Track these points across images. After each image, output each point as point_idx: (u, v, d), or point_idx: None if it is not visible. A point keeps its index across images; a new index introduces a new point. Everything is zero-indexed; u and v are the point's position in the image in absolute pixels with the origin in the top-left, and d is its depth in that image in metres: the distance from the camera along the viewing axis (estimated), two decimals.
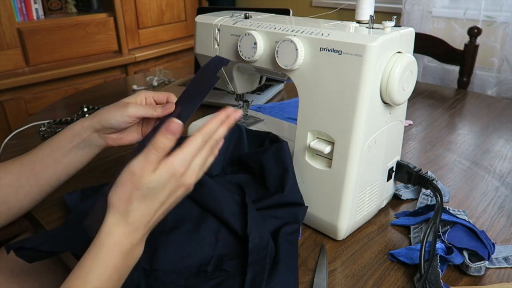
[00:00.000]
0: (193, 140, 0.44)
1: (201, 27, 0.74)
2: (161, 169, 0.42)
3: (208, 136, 0.46)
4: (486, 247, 0.55)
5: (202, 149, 0.45)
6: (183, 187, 0.45)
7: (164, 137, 0.43)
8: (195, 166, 0.45)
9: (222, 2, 2.57)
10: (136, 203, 0.42)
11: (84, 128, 0.59)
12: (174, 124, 0.43)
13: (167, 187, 0.43)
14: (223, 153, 0.67)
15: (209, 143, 0.46)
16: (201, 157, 0.45)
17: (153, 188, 0.42)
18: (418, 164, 0.82)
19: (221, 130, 0.47)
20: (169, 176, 0.43)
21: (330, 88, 0.56)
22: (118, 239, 0.42)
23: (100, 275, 0.41)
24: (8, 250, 0.53)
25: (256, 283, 0.48)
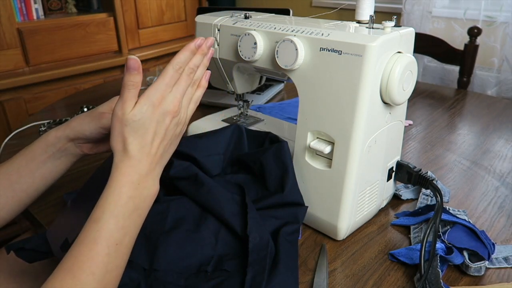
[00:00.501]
0: (164, 71, 0.47)
1: (201, 27, 0.74)
2: (140, 101, 0.45)
3: (178, 66, 0.48)
4: (486, 247, 0.55)
5: (179, 78, 0.48)
6: (169, 115, 0.47)
7: (128, 74, 0.46)
8: (174, 93, 0.47)
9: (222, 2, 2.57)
10: (130, 138, 0.45)
11: (57, 138, 0.59)
12: (132, 60, 0.46)
13: (152, 117, 0.46)
14: (223, 153, 0.67)
15: (185, 71, 0.48)
16: (180, 85, 0.48)
17: (139, 120, 0.45)
18: (418, 164, 0.82)
19: (195, 59, 0.50)
20: (148, 106, 0.45)
21: (330, 88, 0.56)
22: (124, 171, 0.45)
23: (115, 202, 0.44)
24: (8, 251, 0.53)
25: (256, 283, 0.48)
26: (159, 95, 0.46)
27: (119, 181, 0.45)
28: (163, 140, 0.47)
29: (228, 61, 0.72)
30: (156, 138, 0.46)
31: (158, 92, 0.46)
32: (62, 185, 0.74)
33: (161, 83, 0.47)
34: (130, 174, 0.45)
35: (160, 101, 0.46)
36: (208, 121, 0.85)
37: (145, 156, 0.46)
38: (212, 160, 0.65)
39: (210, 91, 1.17)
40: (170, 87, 0.47)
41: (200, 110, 1.08)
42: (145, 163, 0.46)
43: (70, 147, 0.60)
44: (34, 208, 0.68)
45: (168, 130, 0.48)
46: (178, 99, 0.48)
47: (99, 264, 0.41)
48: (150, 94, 0.46)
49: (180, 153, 0.63)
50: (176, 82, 0.48)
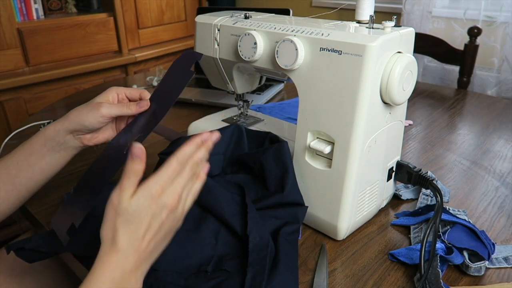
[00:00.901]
0: (168, 163, 0.45)
1: (201, 27, 0.74)
2: (138, 192, 0.43)
3: (183, 159, 0.45)
4: (486, 247, 0.55)
5: (181, 171, 0.45)
6: (166, 209, 0.44)
7: (132, 163, 0.43)
8: (175, 186, 0.45)
9: (222, 2, 2.57)
10: (122, 230, 0.42)
11: (56, 131, 0.59)
12: (137, 149, 0.43)
13: (148, 210, 0.43)
14: (223, 153, 0.67)
15: (188, 165, 0.46)
16: (182, 178, 0.45)
17: (134, 211, 0.42)
18: (418, 164, 0.82)
19: (199, 152, 0.47)
20: (146, 198, 0.43)
21: (330, 88, 0.56)
22: (108, 265, 0.42)
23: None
24: (8, 251, 0.53)
25: (256, 283, 0.48)
26: (159, 187, 0.43)
27: (101, 276, 0.42)
28: (156, 235, 0.44)
29: (228, 61, 0.72)
30: (148, 233, 0.43)
31: (159, 184, 0.43)
32: (62, 185, 0.74)
33: (163, 175, 0.44)
34: (113, 270, 0.42)
35: (159, 193, 0.43)
36: (208, 121, 0.85)
37: (132, 252, 0.43)
38: (212, 160, 0.65)
39: (210, 91, 1.18)
40: (172, 180, 0.44)
41: (200, 110, 1.08)
42: (131, 259, 0.43)
43: (69, 139, 0.60)
44: (34, 208, 0.68)
45: (163, 225, 0.45)
46: (178, 193, 0.45)
47: None
48: (150, 185, 0.43)
49: None
50: (178, 175, 0.45)
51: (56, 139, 0.59)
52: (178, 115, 1.06)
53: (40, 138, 0.60)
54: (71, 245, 0.55)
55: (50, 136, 0.59)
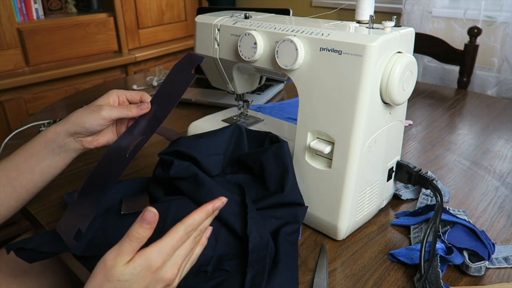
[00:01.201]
0: (174, 231, 0.41)
1: (201, 27, 0.74)
2: (136, 260, 0.39)
3: (191, 228, 0.42)
4: (486, 247, 0.55)
5: (186, 240, 0.42)
6: (162, 283, 0.40)
7: (139, 227, 0.40)
8: (176, 258, 0.41)
9: (222, 2, 2.57)
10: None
11: (57, 133, 0.59)
12: (150, 213, 0.40)
13: (142, 281, 0.39)
14: (223, 153, 0.67)
15: (193, 234, 0.43)
16: (184, 249, 0.42)
17: (125, 281, 0.38)
18: (418, 164, 0.82)
19: (206, 221, 0.44)
20: (143, 268, 0.39)
21: (330, 88, 0.56)
22: None
23: None
24: (8, 251, 0.53)
25: (256, 283, 0.48)
26: (160, 260, 0.40)
27: None
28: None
29: (228, 61, 0.72)
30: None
31: (161, 257, 0.40)
32: (62, 185, 0.74)
33: (167, 245, 0.40)
34: None
35: (159, 266, 0.40)
36: (208, 121, 0.85)
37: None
38: (212, 160, 0.65)
39: (210, 91, 1.18)
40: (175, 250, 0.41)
41: (200, 110, 1.08)
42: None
43: (69, 142, 0.60)
44: (34, 208, 0.68)
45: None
46: (178, 266, 0.41)
47: None
48: (151, 256, 0.39)
49: (180, 153, 0.63)
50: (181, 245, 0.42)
51: (57, 141, 0.59)
52: (178, 115, 1.06)
53: (40, 140, 0.59)
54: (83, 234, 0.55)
55: (50, 138, 0.59)
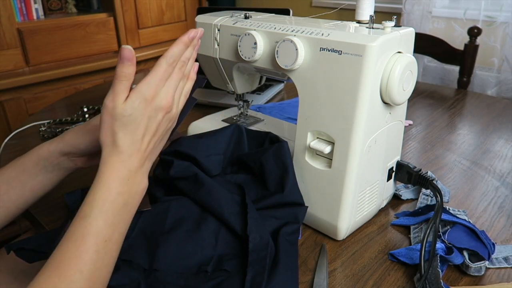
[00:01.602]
0: (157, 65, 0.46)
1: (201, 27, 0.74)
2: (131, 96, 0.44)
3: (172, 59, 0.47)
4: (486, 247, 0.55)
5: (172, 73, 0.47)
6: (162, 111, 0.46)
7: (121, 65, 0.44)
8: (167, 88, 0.46)
9: (222, 2, 2.57)
10: (120, 133, 0.44)
11: (50, 152, 0.58)
12: (126, 50, 0.44)
13: (144, 112, 0.44)
14: (223, 153, 0.67)
15: (177, 65, 0.47)
16: (173, 79, 0.47)
17: (130, 115, 0.44)
18: (418, 164, 0.82)
19: (187, 52, 0.49)
20: (140, 101, 0.44)
21: (330, 88, 0.56)
22: (114, 166, 0.44)
23: (104, 198, 0.43)
24: (8, 251, 0.53)
25: (256, 283, 0.48)
26: (152, 90, 0.45)
27: (108, 177, 0.43)
28: (154, 135, 0.47)
29: (228, 61, 0.72)
30: (147, 134, 0.45)
31: (151, 87, 0.45)
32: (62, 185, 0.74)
33: (154, 78, 0.45)
34: (119, 170, 0.44)
35: (153, 96, 0.45)
36: (208, 121, 0.85)
37: (135, 152, 0.45)
38: (212, 160, 0.65)
39: (210, 91, 1.18)
40: (163, 81, 0.46)
41: (200, 110, 1.08)
42: (135, 159, 0.45)
43: (63, 161, 0.59)
44: (34, 208, 0.68)
45: (160, 125, 0.47)
46: (171, 94, 0.47)
47: (87, 262, 0.40)
48: (143, 89, 0.45)
49: (180, 153, 0.63)
50: (169, 77, 0.47)
51: (50, 160, 0.58)
52: None
53: (33, 157, 0.58)
54: None
55: (43, 156, 0.58)
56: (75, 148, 0.57)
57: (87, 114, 1.06)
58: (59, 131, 0.94)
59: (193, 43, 0.50)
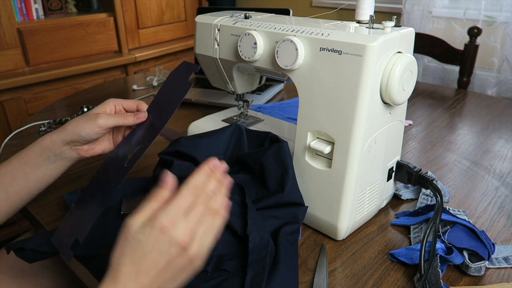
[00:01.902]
0: (179, 194, 0.42)
1: (201, 27, 0.74)
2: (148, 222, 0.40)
3: (194, 189, 0.43)
4: (486, 247, 0.55)
5: (194, 205, 0.42)
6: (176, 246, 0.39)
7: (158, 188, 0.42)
8: (188, 222, 0.40)
9: (222, 2, 2.57)
10: (126, 258, 0.39)
11: (53, 141, 0.59)
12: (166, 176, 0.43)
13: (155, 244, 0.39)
14: (223, 153, 0.67)
15: (201, 198, 0.43)
16: (195, 213, 0.41)
17: (139, 241, 0.39)
18: (418, 164, 0.82)
19: (211, 184, 0.44)
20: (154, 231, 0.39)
21: (330, 88, 0.56)
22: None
23: None
24: (8, 251, 0.53)
25: (256, 283, 0.48)
26: (169, 220, 0.39)
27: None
28: (162, 274, 0.39)
29: (228, 61, 0.72)
30: (153, 269, 0.39)
31: (169, 216, 0.39)
32: (62, 185, 0.74)
33: (174, 207, 0.40)
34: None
35: (169, 227, 0.39)
36: (208, 121, 0.85)
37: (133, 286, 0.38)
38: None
39: (210, 91, 1.18)
40: (185, 213, 0.41)
41: (200, 110, 1.08)
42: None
43: (65, 150, 0.60)
44: (34, 208, 0.68)
45: (171, 264, 0.40)
46: (192, 228, 0.40)
47: None
48: (160, 218, 0.39)
49: (180, 153, 0.63)
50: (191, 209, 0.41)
51: (52, 150, 0.59)
52: (178, 115, 1.06)
53: (36, 148, 0.59)
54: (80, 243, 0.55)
55: (46, 146, 0.59)
56: (77, 135, 0.58)
57: None
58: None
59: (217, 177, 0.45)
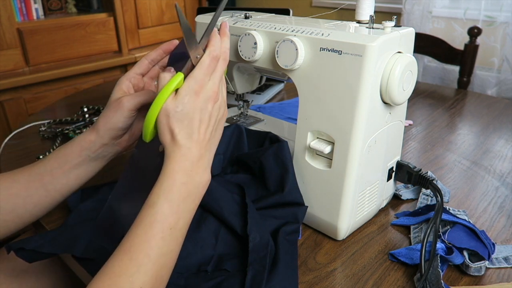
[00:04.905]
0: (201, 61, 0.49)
1: (201, 27, 0.74)
2: (180, 92, 0.47)
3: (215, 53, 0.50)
4: (486, 247, 0.55)
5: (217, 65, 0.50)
6: (211, 101, 0.48)
7: None
8: (214, 80, 0.49)
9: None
10: (177, 129, 0.46)
11: (92, 142, 0.58)
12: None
13: (195, 105, 0.47)
14: (223, 153, 0.67)
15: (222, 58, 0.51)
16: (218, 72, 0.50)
17: (181, 110, 0.46)
18: (418, 164, 0.82)
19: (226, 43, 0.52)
20: (189, 95, 0.47)
21: (330, 88, 0.56)
22: (176, 159, 0.46)
23: (169, 188, 0.45)
24: (8, 250, 0.53)
25: (256, 283, 0.48)
26: (198, 84, 0.47)
27: (172, 169, 0.46)
28: (208, 126, 0.49)
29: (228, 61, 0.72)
30: (202, 125, 0.48)
31: (198, 82, 0.47)
32: None
33: (199, 73, 0.48)
34: (181, 162, 0.46)
35: (199, 90, 0.47)
36: None
37: (194, 144, 0.47)
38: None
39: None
40: (209, 75, 0.49)
41: None
42: (194, 150, 0.47)
43: (106, 148, 0.59)
44: None
45: (212, 115, 0.49)
46: (217, 84, 0.49)
47: (154, 247, 0.43)
48: (190, 84, 0.47)
49: None
50: (214, 70, 0.49)
51: (92, 149, 0.58)
52: None
53: (74, 148, 0.58)
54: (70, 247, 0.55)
55: (85, 147, 0.58)
56: (113, 130, 0.57)
57: (87, 114, 1.06)
58: (59, 131, 0.94)
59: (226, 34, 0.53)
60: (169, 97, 0.46)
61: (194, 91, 0.47)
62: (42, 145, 0.91)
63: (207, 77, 0.49)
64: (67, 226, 0.61)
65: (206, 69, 0.48)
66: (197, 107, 0.47)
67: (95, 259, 0.55)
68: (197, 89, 0.47)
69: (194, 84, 0.47)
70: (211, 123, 0.49)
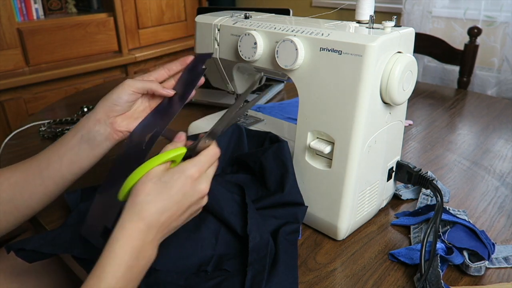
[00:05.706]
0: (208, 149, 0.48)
1: (201, 27, 0.74)
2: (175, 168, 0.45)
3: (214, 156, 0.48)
4: (486, 247, 0.55)
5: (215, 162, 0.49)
6: (198, 194, 0.46)
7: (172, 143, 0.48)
8: (208, 175, 0.47)
9: (222, 2, 2.57)
10: (151, 196, 0.43)
11: (86, 118, 0.58)
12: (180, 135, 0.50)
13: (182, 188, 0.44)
14: (223, 153, 0.66)
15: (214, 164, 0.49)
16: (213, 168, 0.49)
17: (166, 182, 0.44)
18: (418, 164, 0.82)
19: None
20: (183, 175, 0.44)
21: (330, 88, 0.56)
22: (130, 233, 0.43)
23: (114, 273, 0.42)
24: (8, 251, 0.53)
25: (256, 283, 0.48)
26: (196, 171, 0.45)
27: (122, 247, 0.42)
28: (181, 215, 0.46)
29: (228, 61, 0.72)
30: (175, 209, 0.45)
31: (197, 168, 0.45)
32: None
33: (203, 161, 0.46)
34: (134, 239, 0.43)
35: (196, 177, 0.45)
36: (208, 121, 0.85)
37: (155, 223, 0.44)
38: None
39: (210, 91, 1.18)
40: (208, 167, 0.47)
41: (200, 110, 1.08)
42: (153, 231, 0.44)
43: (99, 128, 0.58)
44: None
45: (191, 208, 0.46)
46: (210, 181, 0.48)
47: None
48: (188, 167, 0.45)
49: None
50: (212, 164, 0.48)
51: (86, 127, 0.57)
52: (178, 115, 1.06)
53: (72, 130, 0.59)
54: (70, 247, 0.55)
55: (80, 125, 0.58)
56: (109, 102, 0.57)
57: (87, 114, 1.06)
58: (59, 131, 0.94)
59: None
60: (162, 164, 0.45)
61: (189, 174, 0.45)
62: (42, 145, 0.91)
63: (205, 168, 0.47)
64: (67, 226, 0.60)
65: (209, 159, 0.47)
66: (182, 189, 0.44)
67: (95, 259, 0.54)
68: (193, 175, 0.45)
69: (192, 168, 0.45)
70: (185, 214, 0.46)
